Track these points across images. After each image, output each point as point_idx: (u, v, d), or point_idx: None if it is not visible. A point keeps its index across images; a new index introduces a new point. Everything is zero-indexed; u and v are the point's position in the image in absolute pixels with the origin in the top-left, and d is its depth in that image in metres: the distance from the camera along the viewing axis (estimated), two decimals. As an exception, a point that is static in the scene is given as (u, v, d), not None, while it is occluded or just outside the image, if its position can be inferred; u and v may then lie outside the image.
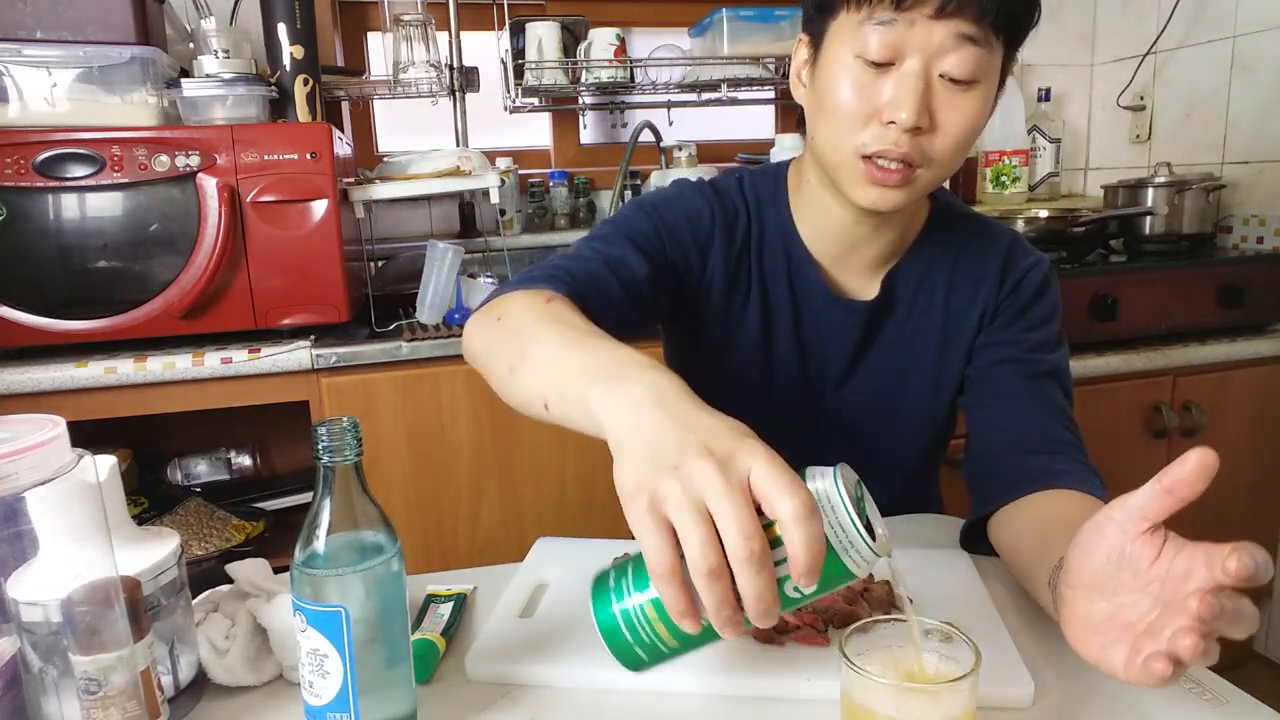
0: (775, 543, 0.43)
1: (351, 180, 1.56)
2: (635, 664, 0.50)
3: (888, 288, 0.92)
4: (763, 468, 0.44)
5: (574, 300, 0.72)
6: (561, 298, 0.71)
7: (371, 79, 1.95)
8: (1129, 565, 0.51)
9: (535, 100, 2.04)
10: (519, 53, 1.90)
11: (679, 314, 0.93)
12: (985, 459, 0.85)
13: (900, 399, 0.95)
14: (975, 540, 0.83)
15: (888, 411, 0.96)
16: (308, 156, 1.36)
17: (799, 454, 1.11)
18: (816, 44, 0.80)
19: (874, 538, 0.45)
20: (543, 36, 1.88)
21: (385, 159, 1.70)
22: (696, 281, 0.91)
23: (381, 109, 2.12)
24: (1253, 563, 0.45)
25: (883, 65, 0.74)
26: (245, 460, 1.74)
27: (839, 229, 0.87)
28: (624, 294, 0.82)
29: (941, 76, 0.74)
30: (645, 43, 2.15)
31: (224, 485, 1.70)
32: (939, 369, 0.94)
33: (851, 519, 0.45)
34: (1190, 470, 0.47)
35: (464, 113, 1.99)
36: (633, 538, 0.45)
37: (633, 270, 0.83)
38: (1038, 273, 0.92)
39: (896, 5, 0.72)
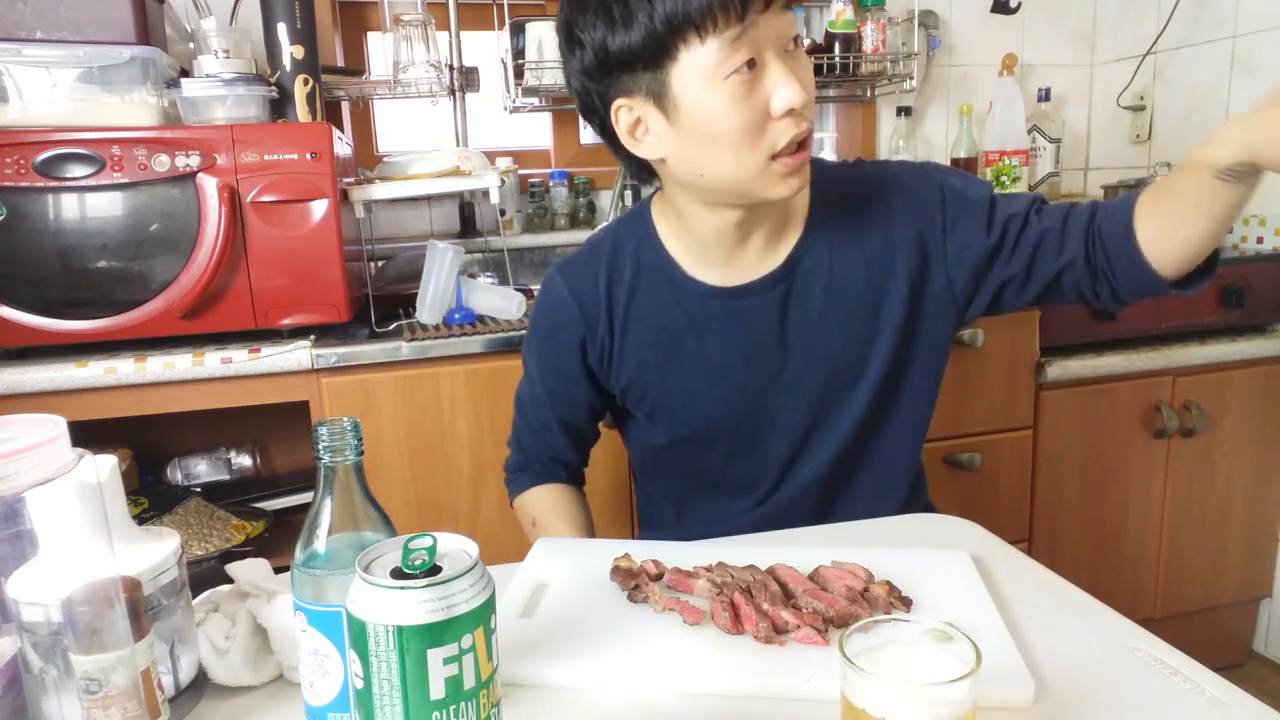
0: None
1: (351, 180, 1.56)
2: None
3: (793, 260, 0.93)
4: None
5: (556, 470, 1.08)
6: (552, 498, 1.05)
7: (371, 79, 1.95)
8: None
9: (535, 100, 2.04)
10: (519, 53, 1.90)
11: (609, 394, 1.04)
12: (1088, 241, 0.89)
13: (857, 374, 0.95)
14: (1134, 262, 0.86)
15: (854, 385, 0.96)
16: (308, 156, 1.36)
17: (797, 457, 1.09)
18: (659, 97, 0.81)
19: None
20: (543, 36, 1.88)
21: (385, 159, 1.70)
22: (596, 364, 1.00)
23: (381, 109, 2.12)
24: None
25: (750, 68, 0.78)
26: (245, 460, 1.74)
27: (723, 236, 0.91)
28: (571, 429, 1.06)
29: (787, 49, 0.80)
30: (645, 43, 2.15)
31: (224, 485, 1.70)
32: (875, 325, 0.94)
33: None
34: None
35: (464, 113, 1.99)
36: (629, 536, 0.45)
37: (560, 414, 1.04)
38: (947, 180, 0.94)
39: (740, 18, 0.76)
